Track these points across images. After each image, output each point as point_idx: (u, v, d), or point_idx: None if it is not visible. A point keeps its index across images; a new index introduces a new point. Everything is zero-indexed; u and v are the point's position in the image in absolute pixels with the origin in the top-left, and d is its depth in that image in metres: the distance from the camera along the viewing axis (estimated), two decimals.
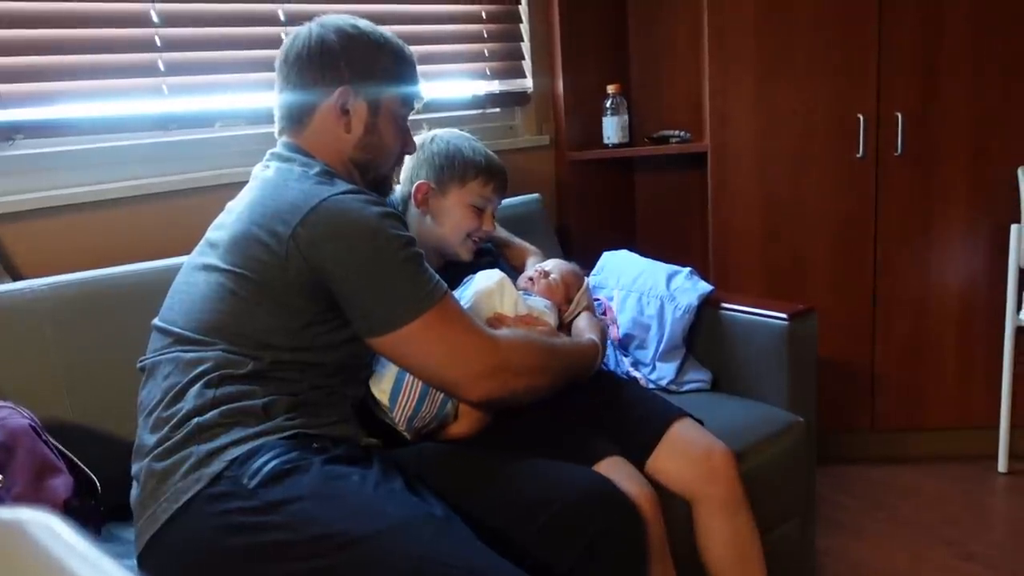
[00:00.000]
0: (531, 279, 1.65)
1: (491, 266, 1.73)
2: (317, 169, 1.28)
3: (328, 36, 1.32)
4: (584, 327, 1.57)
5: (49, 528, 0.35)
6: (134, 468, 1.17)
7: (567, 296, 1.64)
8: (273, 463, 1.07)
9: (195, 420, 1.12)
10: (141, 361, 1.26)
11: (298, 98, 1.34)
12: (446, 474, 1.26)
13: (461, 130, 1.69)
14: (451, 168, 1.59)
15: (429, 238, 1.59)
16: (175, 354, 1.19)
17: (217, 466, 1.07)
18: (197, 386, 1.14)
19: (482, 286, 1.52)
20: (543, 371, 1.32)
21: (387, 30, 1.39)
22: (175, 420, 1.13)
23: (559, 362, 1.36)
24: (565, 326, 1.62)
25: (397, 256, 1.18)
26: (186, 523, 1.06)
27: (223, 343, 1.17)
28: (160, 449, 1.12)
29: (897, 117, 2.25)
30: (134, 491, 1.16)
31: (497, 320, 1.48)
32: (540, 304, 1.56)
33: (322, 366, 1.22)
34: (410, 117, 1.44)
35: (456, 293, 1.52)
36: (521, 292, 1.58)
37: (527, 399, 1.32)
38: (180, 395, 1.15)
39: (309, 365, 1.21)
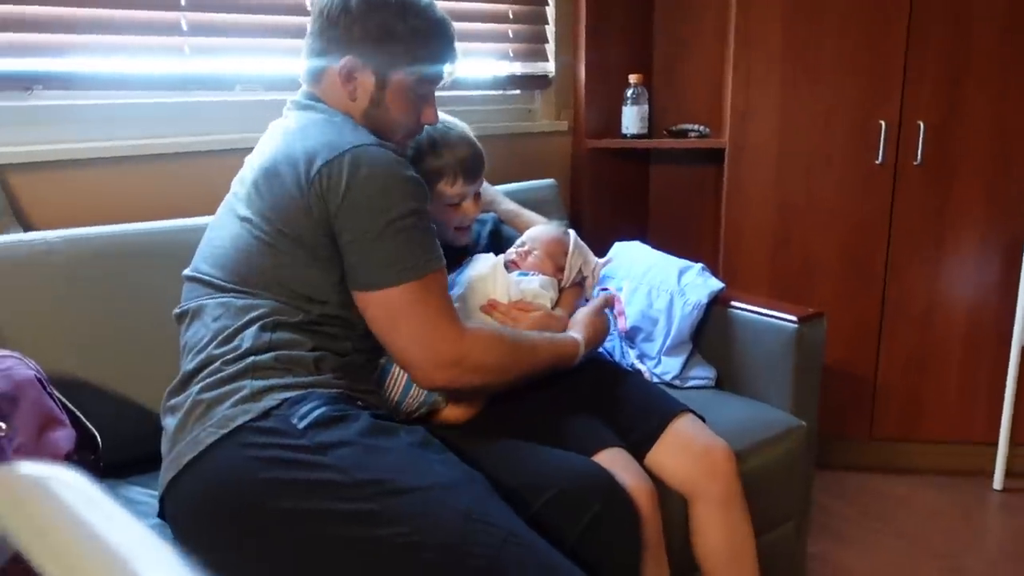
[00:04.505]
0: (514, 261, 1.62)
1: (492, 236, 1.74)
2: (339, 118, 1.28)
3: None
4: (576, 321, 1.52)
5: (74, 486, 0.35)
6: (173, 400, 1.18)
7: (557, 265, 1.62)
8: (323, 409, 1.09)
9: (251, 358, 1.13)
10: (181, 307, 1.27)
11: (314, 54, 1.34)
12: None
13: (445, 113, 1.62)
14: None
15: None
16: (225, 299, 1.20)
17: (268, 402, 1.09)
18: (253, 328, 1.16)
19: (476, 271, 1.52)
20: (504, 370, 1.30)
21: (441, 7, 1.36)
22: (230, 356, 1.14)
23: (527, 361, 1.34)
24: (567, 292, 1.62)
25: (402, 221, 1.18)
26: (230, 450, 1.06)
27: (269, 294, 1.19)
28: (211, 379, 1.13)
29: (919, 126, 2.24)
30: (171, 420, 1.15)
31: (490, 307, 1.49)
32: (535, 283, 1.55)
33: (357, 326, 1.24)
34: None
35: (453, 275, 1.53)
36: (516, 273, 1.57)
37: (487, 392, 1.34)
38: (234, 335, 1.16)
39: (348, 324, 1.23)
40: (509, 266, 1.60)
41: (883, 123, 2.24)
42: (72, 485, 0.36)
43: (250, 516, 1.04)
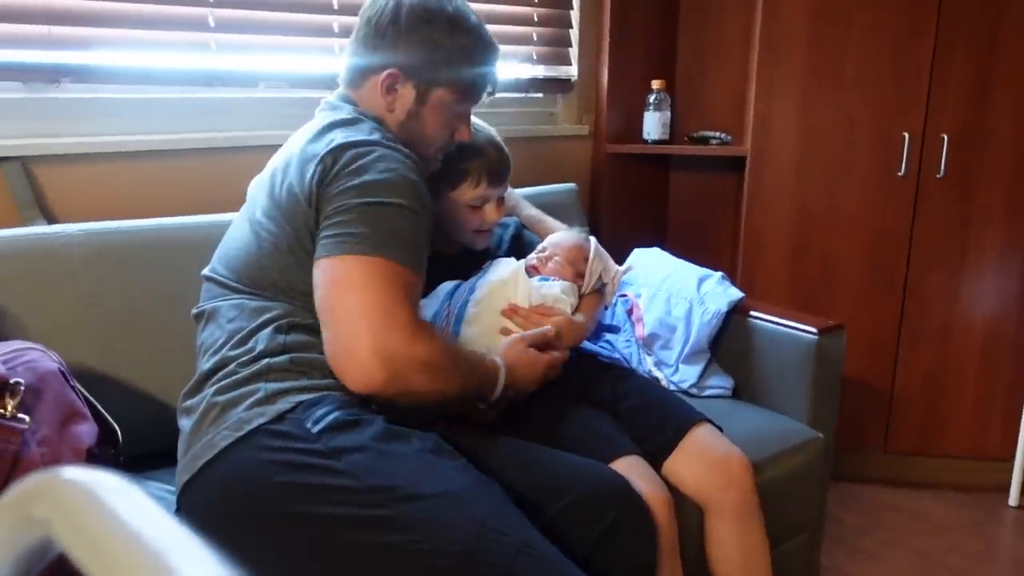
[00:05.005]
0: (535, 267, 1.62)
1: (513, 240, 1.74)
2: (363, 122, 1.28)
3: (402, 10, 1.29)
4: (503, 344, 1.40)
5: (120, 491, 0.35)
6: (188, 402, 1.18)
7: (577, 272, 1.61)
8: (337, 413, 1.08)
9: (266, 360, 1.13)
10: (198, 307, 1.27)
11: (356, 60, 1.34)
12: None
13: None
14: (436, 173, 1.50)
15: (438, 231, 1.57)
16: (239, 301, 1.20)
17: (283, 405, 1.08)
18: (267, 330, 1.15)
19: (497, 275, 1.52)
20: (447, 374, 1.17)
21: (476, 13, 1.36)
22: (245, 358, 1.14)
23: (459, 371, 1.21)
24: (587, 298, 1.62)
25: (387, 208, 1.14)
26: (244, 453, 1.06)
27: (282, 297, 1.19)
28: (226, 382, 1.13)
29: (943, 139, 2.22)
30: (187, 422, 1.16)
31: (511, 311, 1.49)
32: (556, 288, 1.55)
33: None
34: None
35: (474, 279, 1.53)
36: (537, 278, 1.57)
37: (418, 401, 1.16)
38: (248, 337, 1.16)
39: None
40: (530, 271, 1.60)
41: (906, 135, 2.23)
42: (118, 490, 0.36)
43: (264, 519, 1.04)
